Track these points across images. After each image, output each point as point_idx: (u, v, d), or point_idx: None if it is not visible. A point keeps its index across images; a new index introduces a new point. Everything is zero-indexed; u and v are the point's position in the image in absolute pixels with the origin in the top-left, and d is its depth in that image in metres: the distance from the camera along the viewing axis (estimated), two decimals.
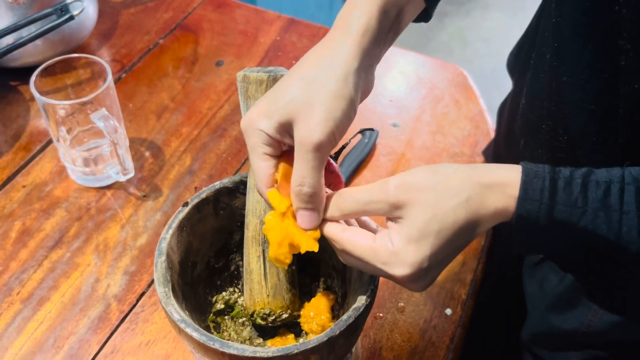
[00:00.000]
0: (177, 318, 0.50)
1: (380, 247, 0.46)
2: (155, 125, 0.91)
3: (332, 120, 0.47)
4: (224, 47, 1.04)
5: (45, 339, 0.68)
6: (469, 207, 0.44)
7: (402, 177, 0.46)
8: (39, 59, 0.91)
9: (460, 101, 0.97)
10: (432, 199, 0.44)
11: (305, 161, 0.47)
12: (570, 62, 0.56)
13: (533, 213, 0.44)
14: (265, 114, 0.48)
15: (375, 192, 0.46)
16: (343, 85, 0.48)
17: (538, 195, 0.44)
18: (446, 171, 0.46)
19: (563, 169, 0.45)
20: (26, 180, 0.83)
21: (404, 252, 0.45)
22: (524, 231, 0.45)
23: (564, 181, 0.44)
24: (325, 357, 0.50)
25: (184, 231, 0.57)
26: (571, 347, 0.67)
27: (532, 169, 0.45)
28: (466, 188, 0.45)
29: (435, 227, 0.44)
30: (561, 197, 0.44)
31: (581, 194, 0.44)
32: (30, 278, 0.73)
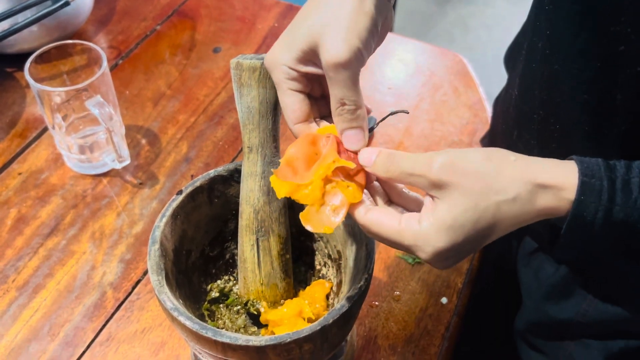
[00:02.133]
0: (170, 306, 0.50)
1: (406, 229, 0.44)
2: (151, 113, 0.91)
3: (356, 37, 0.45)
4: (222, 33, 1.03)
5: (41, 327, 0.68)
6: (514, 205, 0.42)
7: (452, 156, 0.43)
8: (34, 45, 0.91)
9: (460, 89, 0.96)
10: (478, 188, 0.42)
11: (338, 82, 0.45)
12: (563, 50, 0.55)
13: (589, 215, 0.42)
14: (286, 46, 0.47)
15: (419, 165, 0.43)
16: (361, 3, 0.46)
17: (596, 198, 0.42)
18: (502, 160, 0.43)
19: (618, 165, 0.43)
20: (22, 168, 0.83)
21: (434, 237, 0.43)
22: (577, 232, 0.43)
23: (621, 181, 0.42)
24: (319, 346, 0.50)
25: (178, 219, 0.57)
26: (566, 337, 0.67)
27: (589, 168, 0.43)
28: (517, 185, 0.42)
29: (473, 218, 0.42)
30: (620, 198, 0.42)
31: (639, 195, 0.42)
32: (26, 265, 0.73)
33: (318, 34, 0.46)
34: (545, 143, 0.62)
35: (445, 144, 0.88)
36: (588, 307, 0.63)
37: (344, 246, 0.59)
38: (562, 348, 0.68)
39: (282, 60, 0.48)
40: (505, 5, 2.73)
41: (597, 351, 0.64)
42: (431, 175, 0.43)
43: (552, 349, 0.69)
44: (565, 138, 0.58)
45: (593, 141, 0.56)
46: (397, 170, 0.45)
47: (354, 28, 0.45)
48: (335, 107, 0.47)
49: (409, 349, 0.68)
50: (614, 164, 0.43)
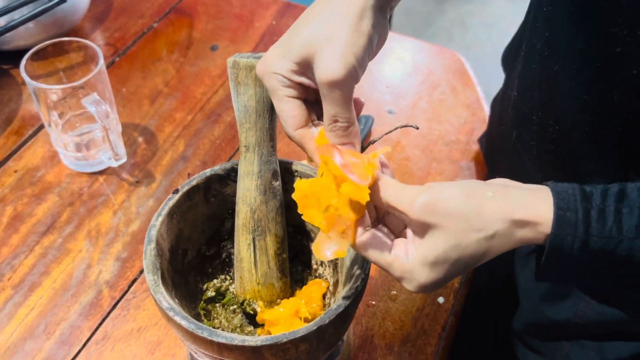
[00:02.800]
0: (165, 306, 0.49)
1: (396, 260, 0.46)
2: (148, 110, 0.90)
3: (352, 55, 0.45)
4: (219, 31, 1.03)
5: (36, 325, 0.68)
6: (494, 241, 0.44)
7: (434, 193, 0.44)
8: (31, 42, 0.90)
9: (457, 88, 0.96)
10: (460, 228, 0.43)
11: (332, 99, 0.46)
12: (561, 52, 0.55)
13: (566, 247, 0.43)
14: (281, 56, 0.47)
15: (402, 203, 0.45)
16: (360, 20, 0.46)
17: (572, 230, 0.42)
18: (480, 198, 0.44)
19: (594, 194, 0.43)
20: (18, 165, 0.82)
21: (418, 271, 0.45)
22: (555, 263, 0.44)
23: (597, 211, 0.42)
24: (315, 345, 0.50)
25: (174, 218, 0.57)
26: (563, 337, 0.67)
27: (564, 200, 0.43)
28: (496, 223, 0.43)
29: (455, 256, 0.44)
30: (595, 229, 0.42)
31: (615, 224, 0.42)
32: (22, 264, 0.73)
33: (314, 48, 0.46)
34: (545, 144, 0.62)
35: (442, 143, 0.88)
36: (585, 308, 0.63)
37: None
38: (558, 349, 0.68)
39: (275, 69, 0.48)
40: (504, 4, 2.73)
41: (593, 352, 0.64)
42: (413, 216, 0.44)
43: (549, 350, 0.69)
44: (564, 139, 0.58)
45: (592, 142, 0.56)
46: (384, 203, 0.46)
47: (351, 46, 0.45)
48: (327, 124, 0.48)
49: (405, 349, 0.68)
50: (590, 193, 0.43)
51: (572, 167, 0.60)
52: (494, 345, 0.82)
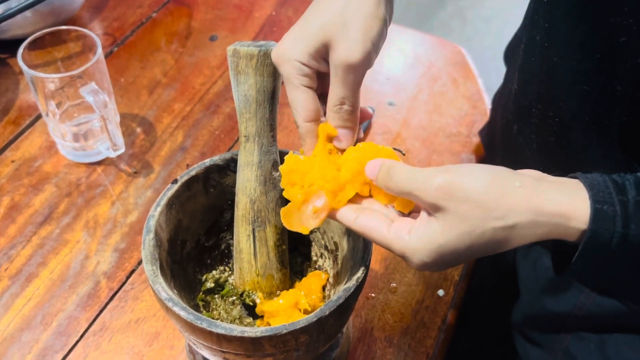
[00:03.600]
0: (164, 297, 0.49)
1: (395, 240, 0.44)
2: (147, 101, 0.89)
3: (369, 41, 0.46)
4: (218, 21, 1.02)
5: (34, 316, 0.67)
6: (512, 232, 0.41)
7: (453, 175, 0.41)
8: (28, 31, 0.89)
9: (458, 80, 0.96)
10: (476, 215, 0.40)
11: (344, 81, 0.47)
12: (561, 43, 0.54)
13: (604, 242, 0.40)
14: (298, 41, 0.48)
15: (416, 185, 0.42)
16: (377, 6, 0.47)
17: (610, 225, 0.40)
18: (505, 185, 0.41)
19: (628, 185, 0.41)
20: (15, 155, 0.82)
21: (422, 252, 0.42)
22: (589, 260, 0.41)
23: (634, 204, 0.40)
24: (315, 337, 0.49)
25: (173, 209, 0.56)
26: (562, 330, 0.67)
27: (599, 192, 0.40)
28: (518, 213, 0.40)
29: (467, 243, 0.41)
30: (634, 223, 0.40)
31: None
32: (19, 254, 0.72)
33: (332, 32, 0.46)
34: (545, 136, 0.61)
35: (443, 136, 0.88)
36: (586, 300, 0.63)
37: (340, 237, 0.59)
38: (558, 341, 0.67)
39: (294, 56, 0.48)
40: None
41: (593, 344, 0.64)
42: (427, 199, 0.42)
43: (548, 342, 0.69)
44: (565, 131, 0.58)
45: (593, 133, 0.56)
46: (396, 188, 0.44)
47: (369, 32, 0.46)
48: (333, 105, 0.48)
49: (405, 341, 0.67)
50: (623, 184, 0.41)
51: (574, 159, 0.59)
52: (494, 338, 0.82)
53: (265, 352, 0.49)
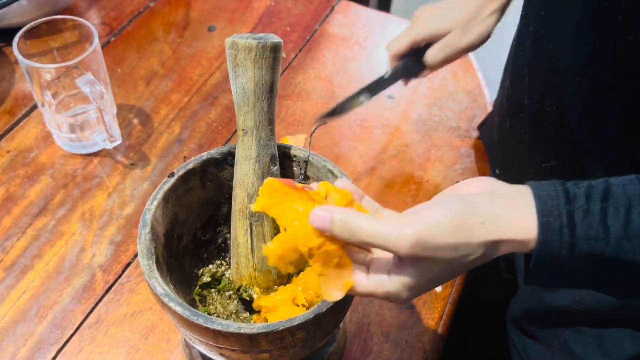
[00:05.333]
0: (160, 292, 0.48)
1: (376, 288, 0.45)
2: (144, 92, 0.89)
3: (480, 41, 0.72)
4: (217, 11, 1.01)
5: (29, 308, 0.67)
6: (480, 260, 0.44)
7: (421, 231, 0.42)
8: (24, 19, 0.88)
9: (458, 74, 0.95)
10: (450, 257, 0.42)
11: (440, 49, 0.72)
12: (557, 29, 0.54)
13: (554, 252, 0.42)
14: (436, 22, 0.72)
15: (389, 241, 0.42)
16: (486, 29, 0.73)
17: (557, 236, 0.41)
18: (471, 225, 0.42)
19: (578, 194, 0.42)
20: (10, 146, 0.81)
21: (402, 293, 0.45)
22: (543, 270, 0.43)
23: (581, 212, 0.41)
24: (312, 333, 0.49)
25: (170, 202, 0.55)
26: (561, 324, 0.67)
27: (547, 204, 0.42)
28: (485, 246, 0.43)
29: (442, 276, 0.44)
30: (580, 231, 0.41)
31: (601, 225, 0.41)
32: (14, 246, 0.72)
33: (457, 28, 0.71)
34: (541, 127, 0.61)
35: (443, 129, 0.87)
36: (586, 294, 0.63)
37: None
38: (556, 335, 0.67)
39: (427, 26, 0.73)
40: None
41: (591, 338, 0.64)
42: (402, 252, 0.42)
43: (546, 336, 0.69)
44: (562, 119, 0.58)
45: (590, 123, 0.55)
46: (359, 241, 0.44)
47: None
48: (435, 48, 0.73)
49: (401, 336, 0.67)
50: (573, 194, 0.42)
51: (571, 149, 0.59)
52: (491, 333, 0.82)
53: (262, 348, 0.48)
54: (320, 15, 1.03)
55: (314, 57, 0.96)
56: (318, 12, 1.03)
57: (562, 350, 0.67)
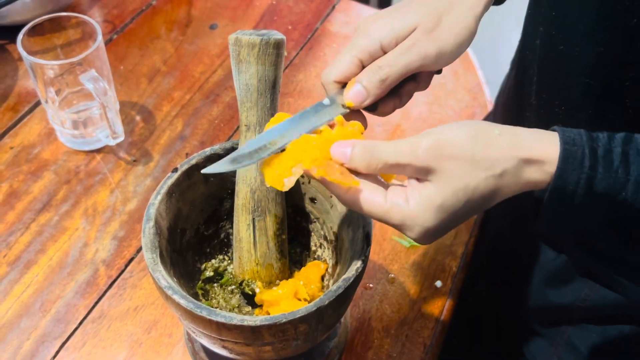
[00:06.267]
0: (164, 285, 0.49)
1: (393, 208, 0.43)
2: (146, 89, 0.89)
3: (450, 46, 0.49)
4: (219, 9, 1.01)
5: (32, 303, 0.67)
6: (501, 180, 0.42)
7: (438, 136, 0.42)
8: (28, 17, 0.89)
9: (459, 72, 0.95)
10: (467, 169, 0.41)
11: (400, 57, 0.49)
12: (568, 30, 0.54)
13: (571, 184, 0.41)
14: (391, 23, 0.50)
15: (403, 155, 0.42)
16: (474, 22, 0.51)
17: (578, 165, 0.41)
18: (488, 136, 0.42)
19: (600, 135, 0.42)
20: (14, 142, 0.81)
21: (423, 216, 0.42)
22: (557, 204, 0.42)
23: (603, 149, 0.41)
24: (314, 326, 0.50)
25: (173, 197, 0.56)
26: (565, 321, 0.67)
27: (570, 136, 0.42)
28: (504, 160, 0.41)
29: (464, 198, 0.42)
30: (602, 167, 0.41)
31: (622, 164, 0.41)
32: (18, 241, 0.72)
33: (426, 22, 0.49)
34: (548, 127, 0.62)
35: None
36: (589, 292, 0.63)
37: (340, 228, 0.59)
38: (560, 332, 0.68)
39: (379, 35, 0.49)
40: None
41: (595, 334, 0.64)
42: (418, 163, 0.42)
43: (550, 333, 0.69)
44: (571, 119, 0.58)
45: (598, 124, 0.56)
46: (380, 164, 0.43)
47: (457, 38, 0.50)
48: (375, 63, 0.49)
49: (402, 331, 0.68)
50: (596, 134, 0.42)
51: None
52: (493, 328, 0.82)
53: (265, 341, 0.49)
54: (321, 14, 1.03)
55: (315, 56, 0.96)
56: (319, 11, 1.04)
57: (566, 347, 0.67)
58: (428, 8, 0.50)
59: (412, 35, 0.49)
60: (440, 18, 0.49)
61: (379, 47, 0.49)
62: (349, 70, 0.50)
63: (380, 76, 0.48)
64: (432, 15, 0.49)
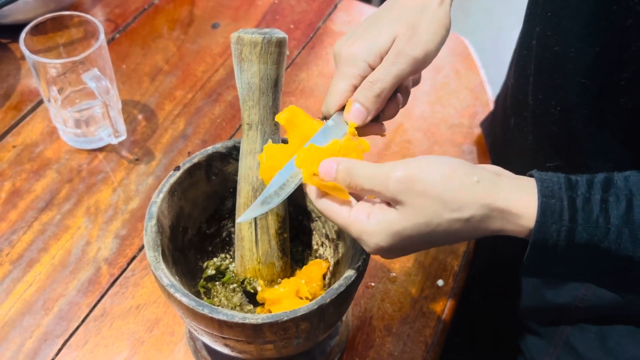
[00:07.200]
0: (166, 283, 0.49)
1: (354, 222, 0.45)
2: (148, 88, 0.89)
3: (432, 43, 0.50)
4: (221, 8, 1.02)
5: (35, 301, 0.67)
6: (467, 225, 0.42)
7: (411, 171, 0.43)
8: (30, 16, 0.89)
9: (461, 71, 0.96)
10: (433, 207, 0.42)
11: (390, 65, 0.49)
12: (564, 32, 0.54)
13: (552, 236, 0.41)
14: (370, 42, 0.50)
15: (377, 183, 0.44)
16: (446, 16, 0.52)
17: (557, 219, 0.41)
18: (463, 180, 0.42)
19: (579, 182, 0.42)
20: (16, 141, 0.82)
21: (379, 236, 0.44)
22: (540, 257, 0.42)
23: (582, 199, 0.41)
24: (316, 325, 0.50)
25: (175, 196, 0.56)
26: (563, 321, 0.67)
27: (549, 188, 0.42)
28: (474, 207, 0.42)
29: (423, 231, 0.43)
30: (581, 217, 0.41)
31: (602, 212, 0.41)
32: (20, 239, 0.72)
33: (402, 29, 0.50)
34: (544, 127, 0.62)
35: (445, 127, 0.88)
36: (587, 291, 0.63)
37: None
38: (558, 332, 0.68)
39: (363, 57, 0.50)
40: None
41: (593, 334, 0.64)
42: (388, 193, 0.43)
43: (548, 333, 0.69)
44: (566, 120, 0.58)
45: (594, 125, 0.56)
46: (358, 188, 0.45)
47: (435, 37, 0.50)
48: (367, 81, 0.50)
49: (404, 330, 0.68)
50: (575, 181, 0.42)
51: (575, 149, 0.60)
52: (493, 328, 0.82)
53: (266, 339, 0.49)
54: (323, 13, 1.03)
55: (318, 55, 0.97)
56: (321, 10, 1.04)
57: (564, 347, 0.67)
58: (400, 17, 0.51)
59: (395, 46, 0.50)
60: (415, 23, 0.51)
61: (367, 68, 0.51)
62: (346, 98, 0.51)
63: (375, 92, 0.50)
64: (407, 22, 0.50)
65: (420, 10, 0.51)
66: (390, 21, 0.51)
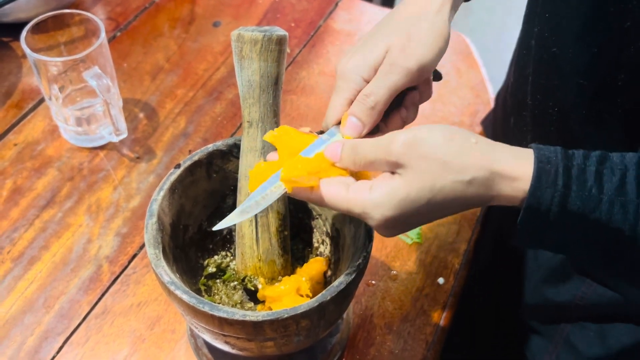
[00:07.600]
0: (167, 280, 0.49)
1: (355, 197, 0.44)
2: (149, 86, 0.89)
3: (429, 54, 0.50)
4: (222, 7, 1.02)
5: (36, 299, 0.68)
6: (469, 188, 0.42)
7: (414, 133, 0.43)
8: (31, 14, 0.89)
9: (462, 69, 0.95)
10: (436, 169, 0.42)
11: (385, 76, 0.49)
12: (562, 33, 0.54)
13: (545, 201, 0.41)
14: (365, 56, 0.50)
15: (381, 149, 0.44)
16: (444, 25, 0.51)
17: (552, 184, 0.41)
18: (463, 142, 0.43)
19: (576, 154, 0.43)
20: (18, 139, 0.82)
21: (385, 205, 0.43)
22: (533, 222, 0.42)
23: (577, 169, 0.42)
24: (316, 322, 0.50)
25: (176, 193, 0.56)
26: (563, 319, 0.67)
27: (545, 155, 0.42)
28: (474, 169, 0.42)
29: (428, 196, 0.43)
30: (575, 184, 0.41)
31: (596, 182, 0.41)
32: (21, 237, 0.72)
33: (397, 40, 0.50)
34: (543, 127, 0.62)
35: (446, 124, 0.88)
36: (587, 290, 0.63)
37: (342, 224, 0.59)
38: (558, 330, 0.68)
39: (359, 71, 0.50)
40: None
41: (593, 333, 0.64)
42: (391, 157, 0.43)
43: (548, 331, 0.69)
44: (564, 121, 0.58)
45: (592, 125, 0.56)
46: (363, 160, 0.45)
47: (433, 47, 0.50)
48: (362, 93, 0.50)
49: (404, 328, 0.68)
50: (572, 153, 0.43)
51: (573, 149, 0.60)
52: (494, 326, 0.82)
53: (267, 336, 0.49)
54: (324, 11, 1.03)
55: (318, 53, 0.97)
56: (322, 8, 1.04)
57: (565, 345, 0.68)
58: (394, 29, 0.51)
59: (387, 58, 0.50)
60: (409, 34, 0.50)
61: (362, 82, 0.51)
62: (343, 112, 0.51)
63: (369, 104, 0.50)
64: (400, 34, 0.50)
65: (415, 20, 0.51)
66: (386, 33, 0.51)
